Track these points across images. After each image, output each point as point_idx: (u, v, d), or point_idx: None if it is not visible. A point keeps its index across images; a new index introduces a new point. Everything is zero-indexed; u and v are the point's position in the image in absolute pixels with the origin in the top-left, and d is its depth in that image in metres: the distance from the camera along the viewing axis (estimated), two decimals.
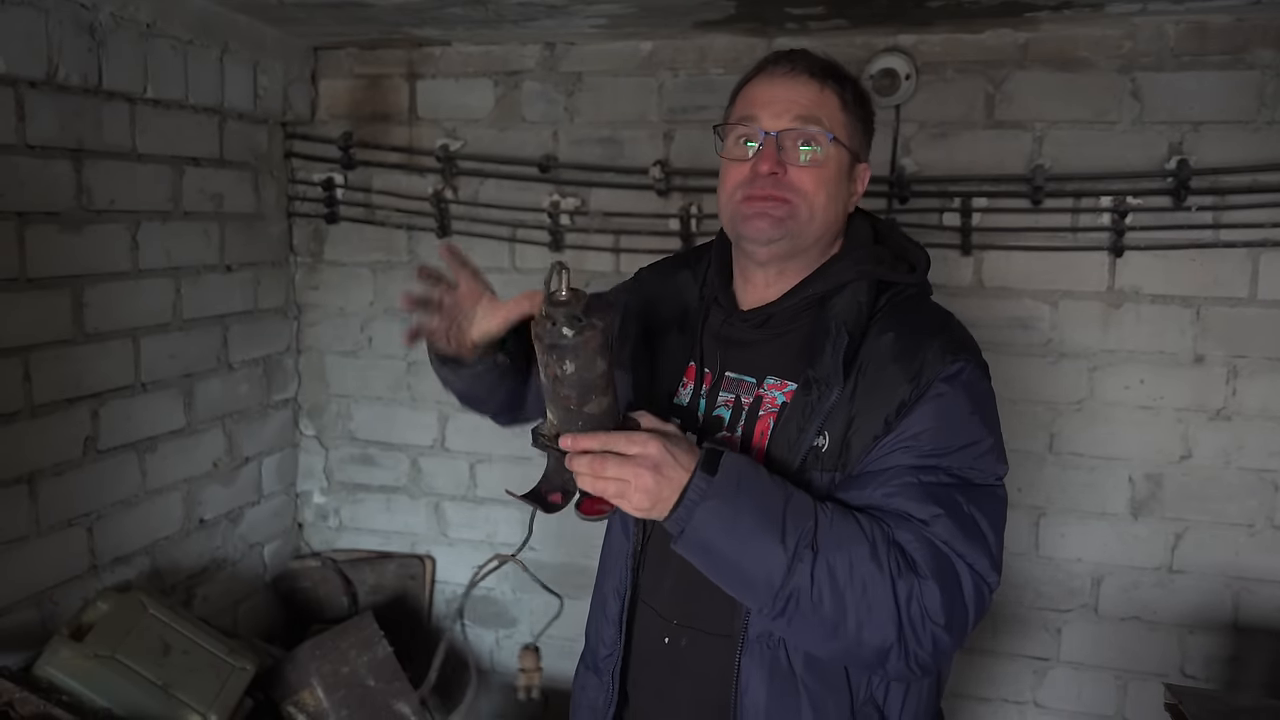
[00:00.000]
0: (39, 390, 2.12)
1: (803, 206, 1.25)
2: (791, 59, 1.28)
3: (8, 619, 2.08)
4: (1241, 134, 2.30)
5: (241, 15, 2.52)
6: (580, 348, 1.05)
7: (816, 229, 1.27)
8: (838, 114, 1.27)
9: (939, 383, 1.19)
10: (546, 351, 1.07)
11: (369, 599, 2.98)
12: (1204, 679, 2.48)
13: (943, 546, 1.14)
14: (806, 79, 1.26)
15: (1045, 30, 2.38)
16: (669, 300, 1.44)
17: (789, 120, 1.25)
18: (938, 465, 1.18)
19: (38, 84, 2.04)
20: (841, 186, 1.29)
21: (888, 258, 1.32)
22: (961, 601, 1.14)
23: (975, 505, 1.18)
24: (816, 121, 1.25)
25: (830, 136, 1.25)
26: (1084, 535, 2.52)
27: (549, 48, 2.73)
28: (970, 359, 1.23)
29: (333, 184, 2.93)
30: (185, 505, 2.60)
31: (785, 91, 1.26)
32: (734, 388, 1.32)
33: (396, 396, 3.00)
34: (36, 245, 2.09)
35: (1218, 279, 2.36)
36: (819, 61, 1.29)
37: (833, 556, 1.11)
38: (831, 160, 1.26)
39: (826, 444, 1.21)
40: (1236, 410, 2.39)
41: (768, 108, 1.26)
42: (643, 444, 1.10)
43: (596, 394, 1.10)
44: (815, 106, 1.25)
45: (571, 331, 1.04)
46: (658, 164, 2.64)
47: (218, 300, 2.67)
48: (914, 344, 1.22)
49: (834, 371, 1.21)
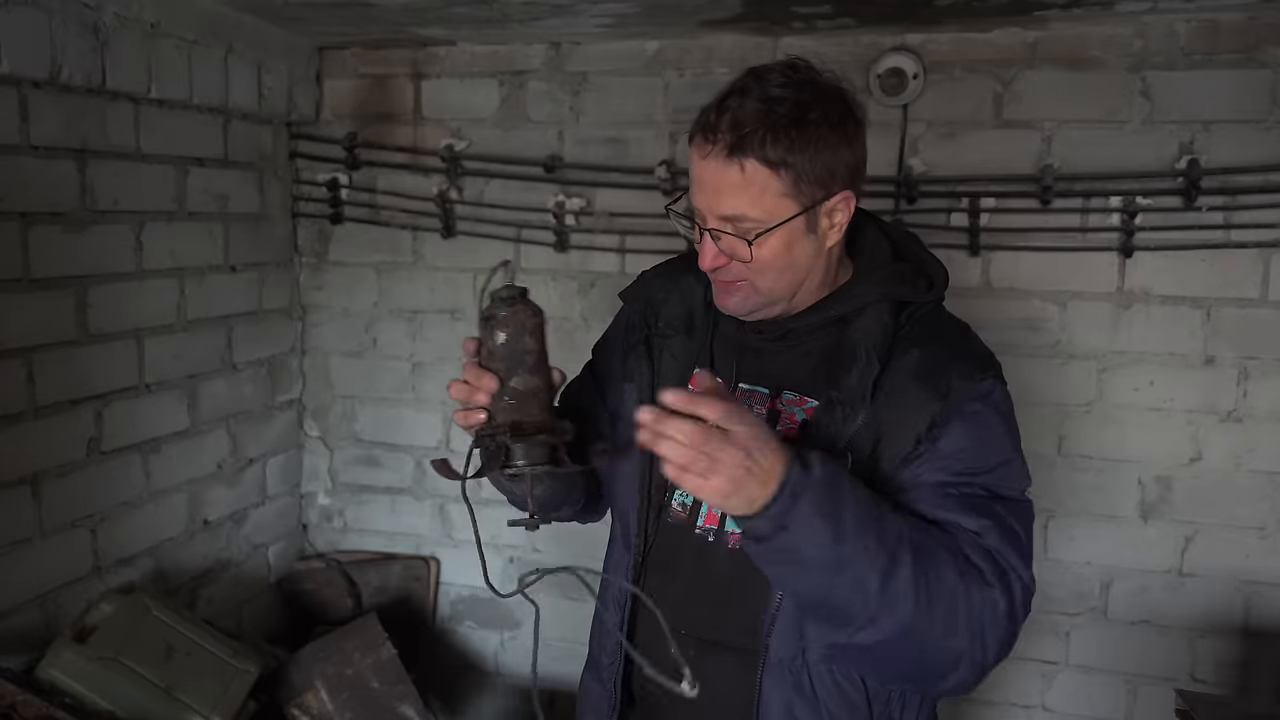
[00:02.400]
0: (42, 391, 2.11)
1: (759, 286, 1.23)
2: (709, 129, 1.18)
3: (11, 621, 2.08)
4: (1253, 133, 2.28)
5: (246, 15, 2.51)
6: (510, 319, 1.14)
7: (787, 289, 1.25)
8: (770, 186, 1.16)
9: (971, 401, 1.20)
10: (482, 327, 1.16)
11: (373, 601, 2.97)
12: (1214, 683, 2.45)
13: (998, 557, 1.15)
14: (724, 160, 1.16)
15: (1055, 29, 2.36)
16: (674, 304, 1.41)
17: (715, 218, 1.20)
18: (973, 482, 1.18)
19: (41, 84, 2.03)
20: (799, 248, 1.22)
21: (908, 275, 1.30)
22: (1015, 610, 1.15)
23: (1014, 516, 1.19)
24: (742, 218, 1.18)
25: (751, 239, 1.18)
26: (1093, 538, 2.50)
27: (554, 47, 2.71)
28: (996, 376, 1.24)
29: (337, 184, 2.92)
30: (189, 506, 2.59)
31: (709, 179, 1.19)
32: (746, 399, 1.30)
33: (401, 397, 3.00)
34: (40, 246, 2.09)
35: (1228, 280, 2.34)
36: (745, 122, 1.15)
37: (927, 563, 1.09)
38: (771, 244, 1.19)
39: (850, 464, 1.19)
40: (1247, 412, 2.37)
41: (700, 196, 1.21)
42: (739, 418, 1.02)
43: (524, 370, 1.15)
44: (737, 195, 1.17)
45: (505, 308, 1.15)
46: (663, 164, 2.63)
47: (222, 301, 2.66)
48: (939, 362, 1.21)
49: (861, 395, 1.20)
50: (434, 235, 2.87)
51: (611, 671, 1.40)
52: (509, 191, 2.79)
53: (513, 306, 1.15)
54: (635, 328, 1.43)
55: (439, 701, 2.84)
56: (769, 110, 1.15)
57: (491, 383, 1.13)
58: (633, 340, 1.42)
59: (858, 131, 1.23)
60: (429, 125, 2.84)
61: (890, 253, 1.33)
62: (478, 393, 1.14)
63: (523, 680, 2.99)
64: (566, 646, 2.93)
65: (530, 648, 2.99)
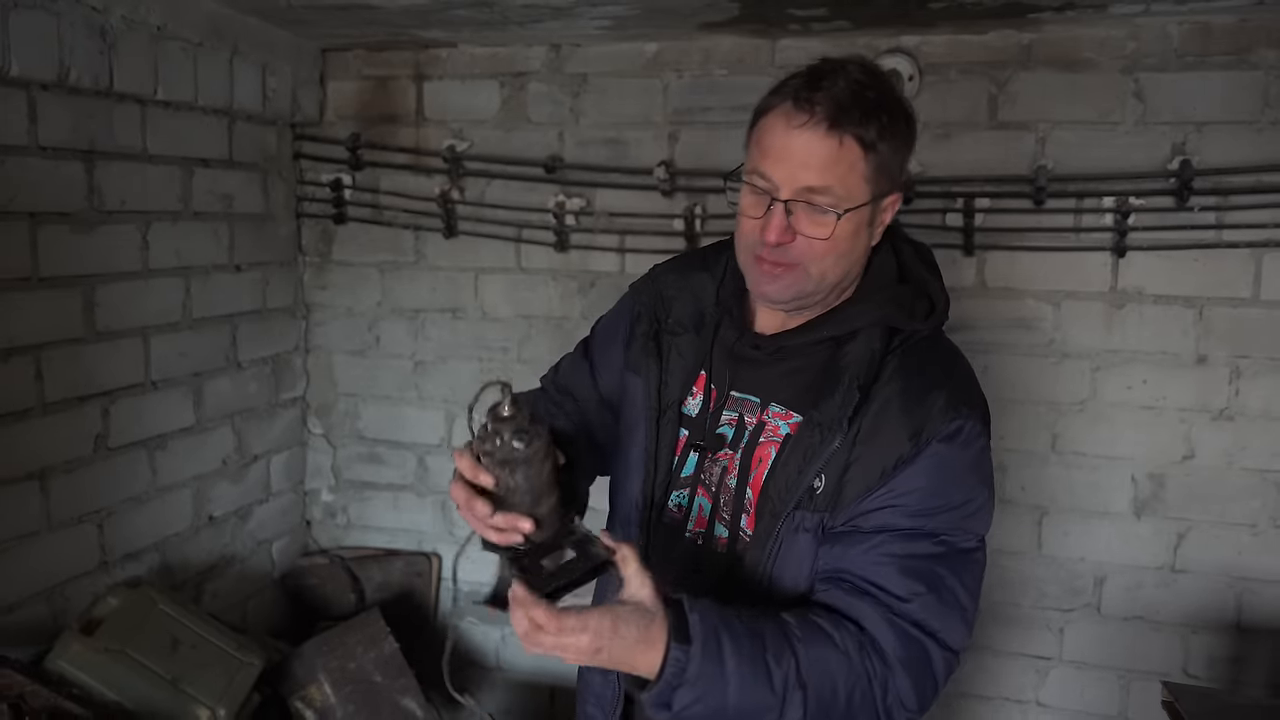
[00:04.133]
0: (50, 388, 2.15)
1: (811, 271, 1.22)
2: (812, 104, 1.17)
3: (19, 613, 2.11)
4: (1245, 134, 2.30)
5: (251, 18, 2.54)
6: (531, 459, 1.11)
7: (829, 284, 1.25)
8: (858, 167, 1.18)
9: (937, 442, 1.19)
10: (499, 466, 1.12)
11: (376, 596, 3.00)
12: (1207, 679, 2.48)
13: (913, 630, 1.17)
14: (824, 133, 1.16)
15: (1048, 31, 2.38)
16: (685, 301, 1.41)
17: (797, 189, 1.18)
18: (923, 529, 1.19)
19: (49, 86, 2.06)
20: (858, 240, 1.23)
21: (908, 298, 1.29)
22: (932, 681, 1.18)
23: (956, 575, 1.20)
24: (828, 192, 1.17)
25: (840, 213, 1.18)
26: (1086, 535, 2.53)
27: (554, 49, 2.74)
28: (971, 414, 1.22)
29: (341, 185, 2.96)
30: (195, 502, 2.62)
31: (799, 149, 1.17)
32: (738, 406, 1.32)
33: (404, 395, 3.03)
34: (48, 245, 2.12)
35: (1220, 279, 2.36)
36: (843, 101, 1.16)
37: (820, 684, 1.12)
38: (841, 227, 1.19)
39: (822, 486, 1.21)
40: (1239, 410, 2.39)
41: (779, 166, 1.19)
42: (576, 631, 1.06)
43: (544, 496, 1.14)
44: (828, 169, 1.17)
45: (521, 444, 1.10)
46: (662, 164, 2.66)
47: (227, 300, 2.70)
48: (919, 397, 1.21)
49: (839, 420, 1.20)
50: (436, 235, 2.90)
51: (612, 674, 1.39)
52: (510, 192, 2.82)
53: (530, 445, 1.10)
54: (643, 319, 1.43)
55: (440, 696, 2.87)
56: (861, 93, 1.17)
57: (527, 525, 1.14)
58: (640, 332, 1.42)
59: (914, 138, 1.26)
60: (431, 126, 2.88)
61: (895, 273, 1.31)
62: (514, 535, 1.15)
63: (525, 675, 3.02)
64: None
65: None
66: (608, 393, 1.50)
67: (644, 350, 1.40)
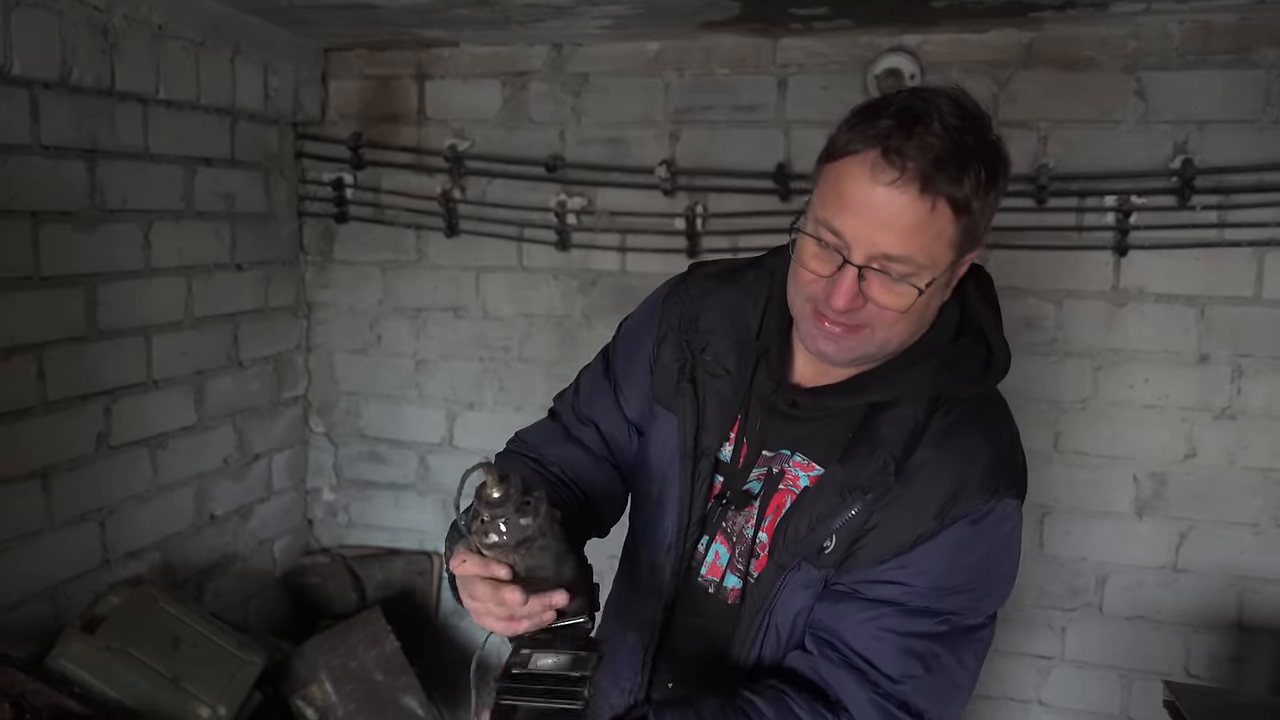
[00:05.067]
0: (53, 387, 2.15)
1: (878, 337, 1.10)
2: (904, 157, 1.01)
3: (21, 612, 2.12)
4: (1247, 133, 2.30)
5: (253, 17, 2.55)
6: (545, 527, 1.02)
7: (892, 351, 1.14)
8: (946, 233, 1.04)
9: (965, 523, 1.11)
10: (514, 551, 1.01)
11: (377, 595, 3.00)
12: (1209, 679, 2.48)
13: (898, 711, 1.12)
14: (915, 196, 1.01)
15: (1050, 30, 2.38)
16: (722, 337, 1.28)
17: (875, 255, 1.05)
18: (930, 608, 1.12)
19: (52, 85, 2.07)
20: (932, 306, 1.12)
21: (965, 356, 1.17)
22: None
23: (956, 654, 1.14)
24: (909, 261, 1.04)
25: (921, 289, 1.05)
26: (1088, 534, 2.53)
27: (556, 48, 2.75)
28: (1006, 492, 1.13)
29: (342, 184, 2.96)
30: (196, 501, 2.63)
31: (883, 210, 1.03)
32: (767, 462, 1.24)
33: (405, 394, 3.03)
34: (50, 244, 2.12)
35: (1222, 278, 2.36)
36: (940, 154, 1.01)
37: None
38: (921, 299, 1.07)
39: (832, 546, 1.15)
40: (1241, 409, 2.39)
41: (856, 225, 1.04)
42: None
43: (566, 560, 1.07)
44: (915, 237, 1.03)
45: (530, 520, 1.00)
46: (664, 163, 2.66)
47: (229, 299, 2.70)
48: (954, 468, 1.12)
49: (865, 490, 1.12)
50: (437, 234, 2.91)
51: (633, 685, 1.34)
52: (511, 191, 2.82)
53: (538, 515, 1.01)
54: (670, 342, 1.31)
55: (441, 694, 2.87)
56: (959, 142, 1.02)
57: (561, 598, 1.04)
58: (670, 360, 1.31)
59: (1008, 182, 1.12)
60: (432, 125, 2.88)
61: (956, 325, 1.18)
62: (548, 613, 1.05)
63: None
64: None
65: None
66: (635, 418, 1.38)
67: (678, 388, 1.29)
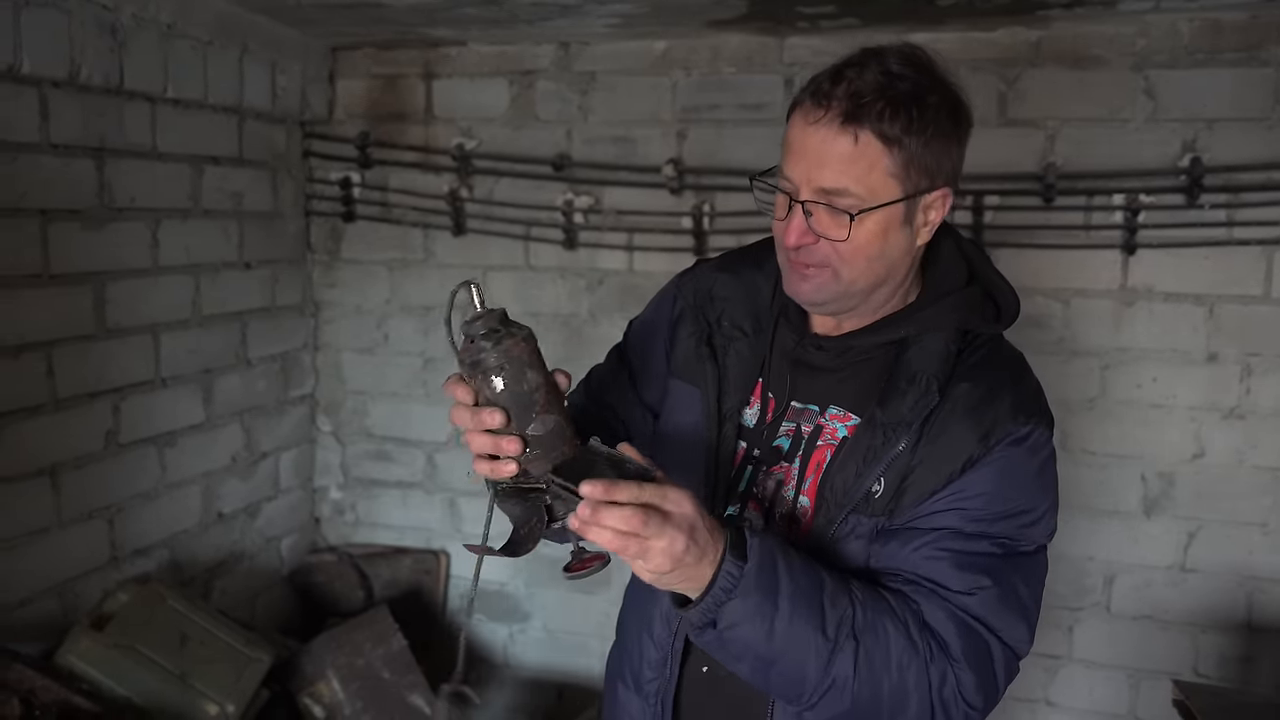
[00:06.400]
0: (61, 384, 2.16)
1: (842, 274, 1.15)
2: (824, 96, 1.10)
3: (29, 609, 2.12)
4: (1256, 131, 2.29)
5: (260, 16, 2.55)
6: (503, 358, 0.99)
7: (867, 285, 1.18)
8: (879, 164, 1.10)
9: (1005, 445, 1.14)
10: (471, 373, 1.00)
11: (384, 593, 3.01)
12: (1217, 679, 2.46)
13: (975, 624, 1.12)
14: (836, 129, 1.09)
15: (1058, 28, 2.38)
16: (739, 303, 1.32)
17: (813, 190, 1.12)
18: (985, 533, 1.14)
19: (61, 84, 2.07)
20: (891, 241, 1.15)
21: (978, 301, 1.23)
22: (993, 679, 1.12)
23: (1019, 576, 1.15)
24: (845, 193, 1.10)
25: (854, 215, 1.10)
26: (1096, 533, 2.52)
27: (563, 47, 2.75)
28: (1040, 420, 1.18)
29: (350, 183, 2.96)
30: (204, 499, 2.63)
31: (814, 148, 1.11)
32: (796, 416, 1.25)
33: (412, 393, 3.03)
34: (59, 242, 2.13)
35: (1231, 277, 2.35)
36: (863, 93, 1.09)
37: (871, 644, 1.07)
38: (866, 227, 1.12)
39: (881, 490, 1.16)
40: (1250, 409, 2.38)
41: (797, 166, 1.13)
42: (678, 501, 0.99)
43: (538, 411, 1.01)
44: (844, 169, 1.10)
45: (490, 343, 0.98)
46: (671, 162, 2.66)
47: (236, 297, 2.71)
48: (987, 399, 1.16)
49: (910, 423, 1.15)
50: (445, 233, 2.91)
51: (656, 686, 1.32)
52: (518, 190, 2.83)
53: (500, 344, 0.98)
54: (687, 320, 1.35)
55: None
56: (889, 84, 1.10)
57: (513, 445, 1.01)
58: (687, 334, 1.34)
59: (967, 132, 1.18)
60: (440, 124, 2.88)
61: (965, 274, 1.25)
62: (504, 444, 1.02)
63: (533, 672, 3.03)
64: (576, 639, 2.97)
65: (539, 639, 3.03)
66: (652, 402, 1.40)
67: (697, 355, 1.31)
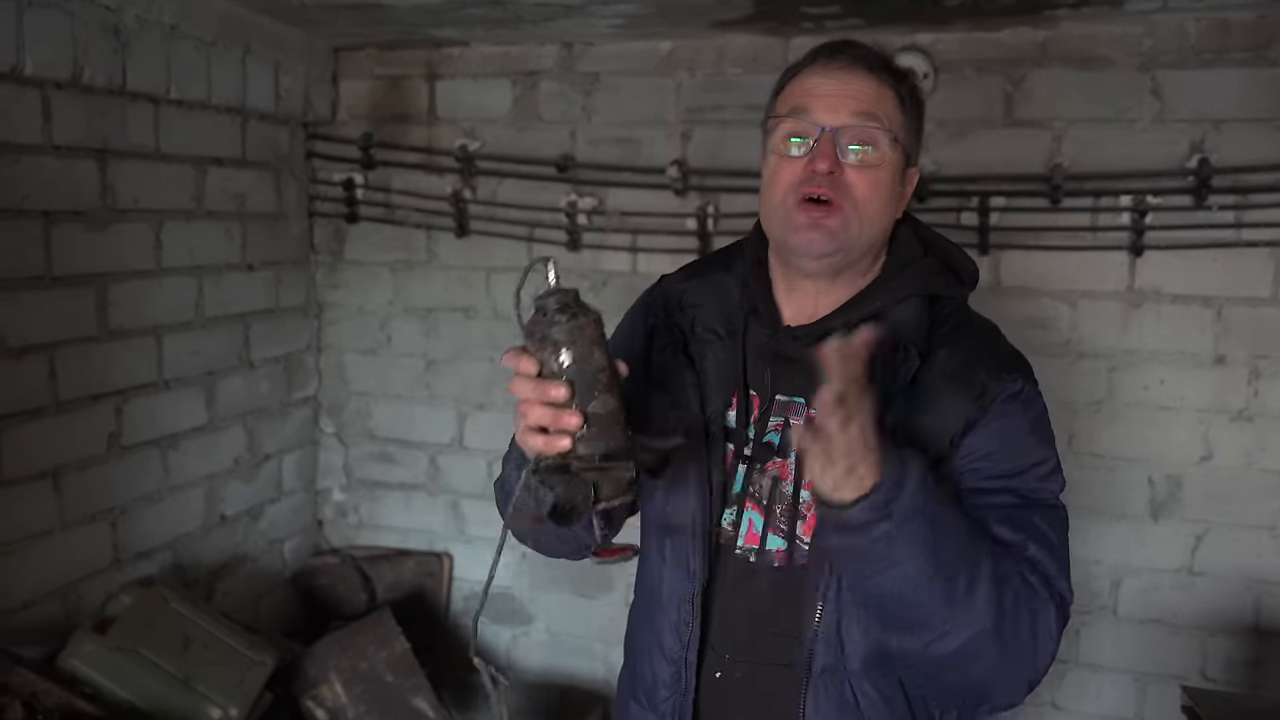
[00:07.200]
0: (64, 387, 2.16)
1: (856, 215, 1.17)
2: (847, 51, 1.21)
3: (32, 612, 2.12)
4: (1264, 132, 2.28)
5: (264, 17, 2.55)
6: (575, 334, 1.00)
7: (868, 239, 1.20)
8: (895, 112, 1.20)
9: (1001, 402, 1.16)
10: (539, 346, 1.02)
11: (387, 596, 3.00)
12: (1225, 682, 2.45)
13: (1041, 568, 1.12)
14: (865, 72, 1.18)
15: (1064, 28, 2.36)
16: (709, 306, 1.32)
17: (848, 116, 1.17)
18: (1007, 488, 1.15)
19: (63, 85, 2.07)
20: (895, 191, 1.22)
21: (938, 270, 1.27)
22: (1060, 624, 1.13)
23: (1049, 525, 1.15)
24: (876, 119, 1.17)
25: (890, 137, 1.18)
26: (1103, 536, 2.51)
27: (567, 48, 2.74)
28: (1026, 376, 1.20)
29: (353, 184, 2.96)
30: (207, 501, 2.63)
31: (842, 85, 1.18)
32: (783, 410, 1.25)
33: (415, 395, 3.03)
34: (62, 244, 2.13)
35: (1239, 279, 2.34)
36: (876, 55, 1.21)
37: (1001, 573, 1.07)
38: (888, 163, 1.19)
39: None
40: (1258, 411, 2.36)
41: (822, 100, 1.18)
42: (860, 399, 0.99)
43: (600, 390, 1.01)
44: (874, 103, 1.18)
45: (565, 317, 1.01)
46: (675, 163, 2.65)
47: (239, 299, 2.70)
48: (970, 361, 1.18)
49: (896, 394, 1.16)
50: (448, 234, 2.90)
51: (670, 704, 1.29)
52: (522, 191, 2.82)
53: (574, 320, 1.01)
54: (660, 332, 1.34)
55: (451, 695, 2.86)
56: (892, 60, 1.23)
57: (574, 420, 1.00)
58: (662, 345, 1.33)
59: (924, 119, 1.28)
60: (443, 125, 2.87)
61: (921, 249, 1.29)
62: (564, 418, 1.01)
63: (536, 675, 3.02)
64: (579, 642, 2.96)
65: (542, 642, 3.02)
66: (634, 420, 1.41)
67: (675, 364, 1.30)
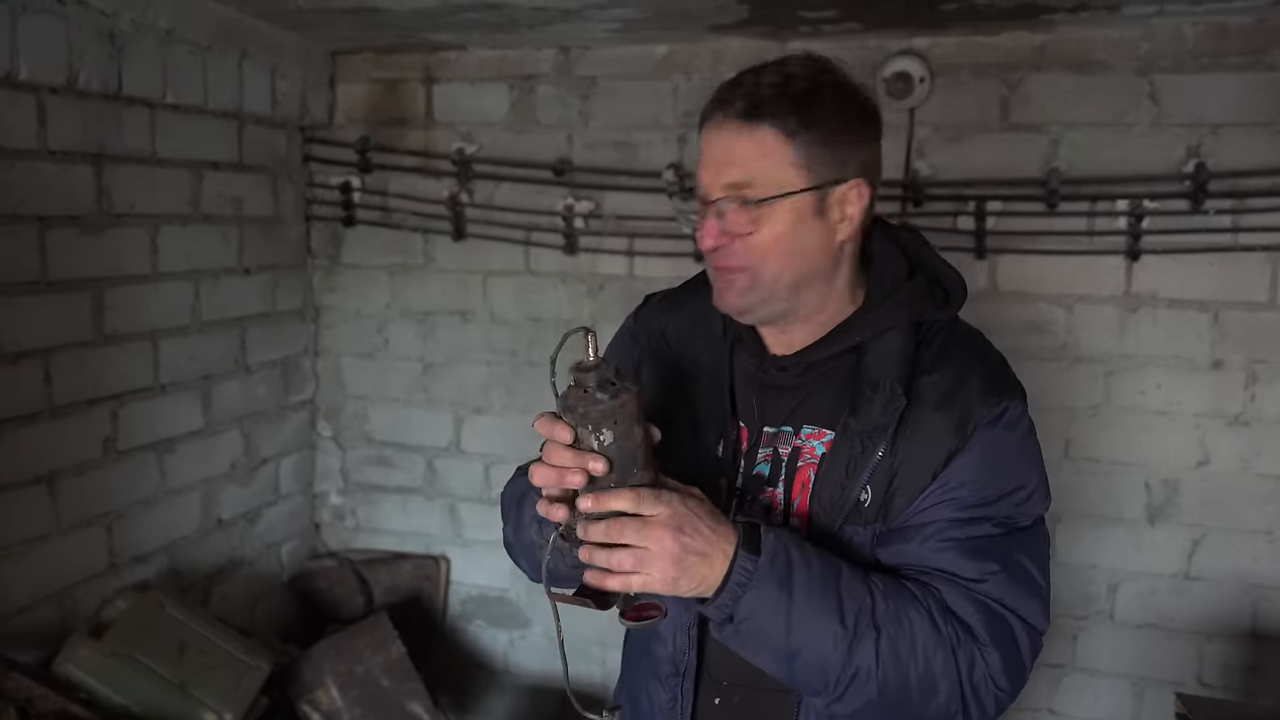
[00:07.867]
0: (59, 391, 2.15)
1: (763, 269, 1.15)
2: (724, 101, 1.15)
3: (27, 616, 2.12)
4: (1262, 136, 2.28)
5: (260, 21, 2.54)
6: (618, 412, 0.99)
7: (788, 285, 1.17)
8: (781, 154, 1.13)
9: (981, 430, 1.14)
10: (581, 423, 1.00)
11: (384, 599, 3.00)
12: (1221, 687, 2.45)
13: (995, 605, 1.12)
14: (737, 126, 1.13)
15: (1061, 32, 2.36)
16: (695, 337, 1.31)
17: (719, 189, 1.14)
18: (983, 516, 1.14)
19: (59, 90, 2.07)
20: (806, 233, 1.15)
21: (924, 290, 1.23)
22: (1019, 659, 1.13)
23: (1023, 552, 1.15)
24: (746, 185, 1.13)
25: (756, 202, 1.12)
26: (1100, 541, 2.50)
27: (563, 52, 2.74)
28: (1011, 395, 1.18)
29: (350, 187, 2.96)
30: (203, 505, 2.63)
31: (715, 150, 1.15)
32: (772, 440, 1.24)
33: (412, 398, 3.03)
34: (57, 248, 2.12)
35: (1236, 283, 2.34)
36: (760, 94, 1.13)
37: (894, 632, 1.07)
38: (782, 211, 1.13)
39: (870, 498, 1.16)
40: (1255, 416, 2.36)
41: (704, 170, 1.17)
42: (653, 501, 1.01)
43: (639, 467, 1.01)
44: (747, 162, 1.13)
45: (606, 395, 0.98)
46: (671, 167, 2.65)
47: (236, 303, 2.70)
48: (955, 387, 1.16)
49: (883, 427, 1.15)
50: (445, 238, 2.90)
51: None
52: (519, 194, 2.82)
53: (615, 398, 0.98)
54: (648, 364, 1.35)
55: (448, 700, 2.86)
56: (786, 83, 1.14)
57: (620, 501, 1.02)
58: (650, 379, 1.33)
59: (874, 128, 1.20)
60: (440, 129, 2.87)
61: (905, 267, 1.25)
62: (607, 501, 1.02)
63: (533, 679, 3.01)
64: (577, 646, 2.96)
65: (540, 645, 3.02)
66: None
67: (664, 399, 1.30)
